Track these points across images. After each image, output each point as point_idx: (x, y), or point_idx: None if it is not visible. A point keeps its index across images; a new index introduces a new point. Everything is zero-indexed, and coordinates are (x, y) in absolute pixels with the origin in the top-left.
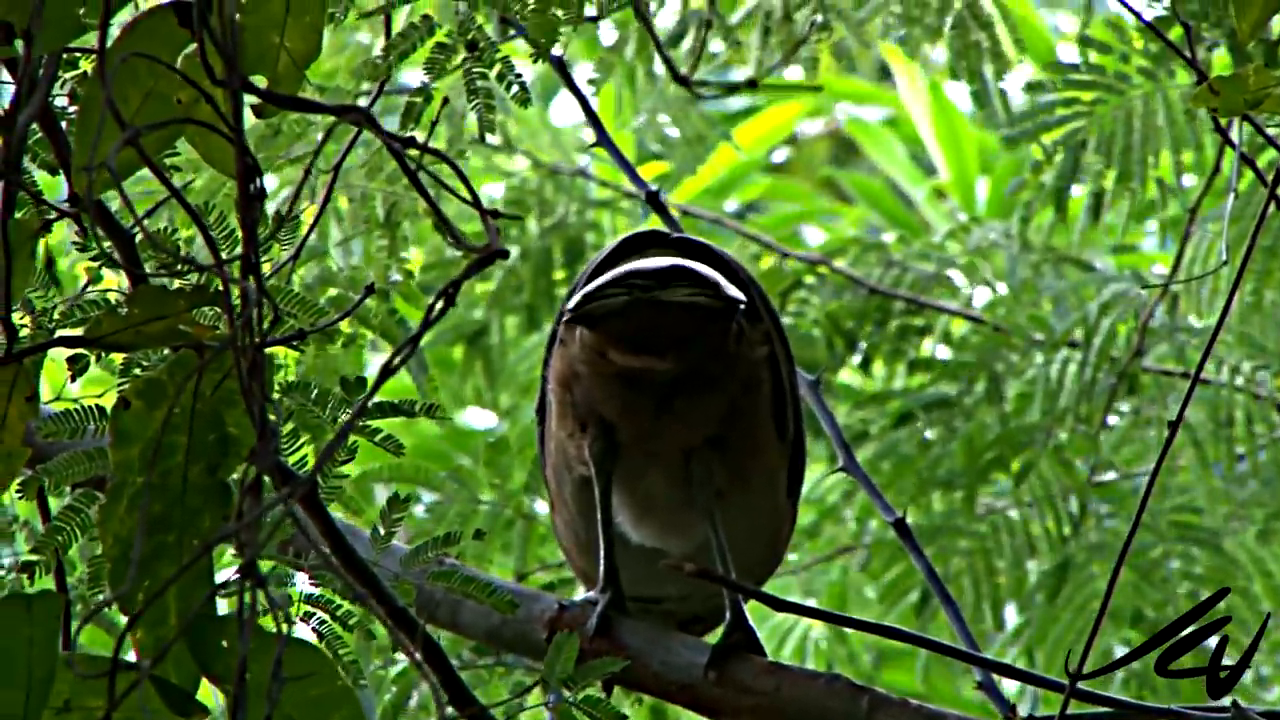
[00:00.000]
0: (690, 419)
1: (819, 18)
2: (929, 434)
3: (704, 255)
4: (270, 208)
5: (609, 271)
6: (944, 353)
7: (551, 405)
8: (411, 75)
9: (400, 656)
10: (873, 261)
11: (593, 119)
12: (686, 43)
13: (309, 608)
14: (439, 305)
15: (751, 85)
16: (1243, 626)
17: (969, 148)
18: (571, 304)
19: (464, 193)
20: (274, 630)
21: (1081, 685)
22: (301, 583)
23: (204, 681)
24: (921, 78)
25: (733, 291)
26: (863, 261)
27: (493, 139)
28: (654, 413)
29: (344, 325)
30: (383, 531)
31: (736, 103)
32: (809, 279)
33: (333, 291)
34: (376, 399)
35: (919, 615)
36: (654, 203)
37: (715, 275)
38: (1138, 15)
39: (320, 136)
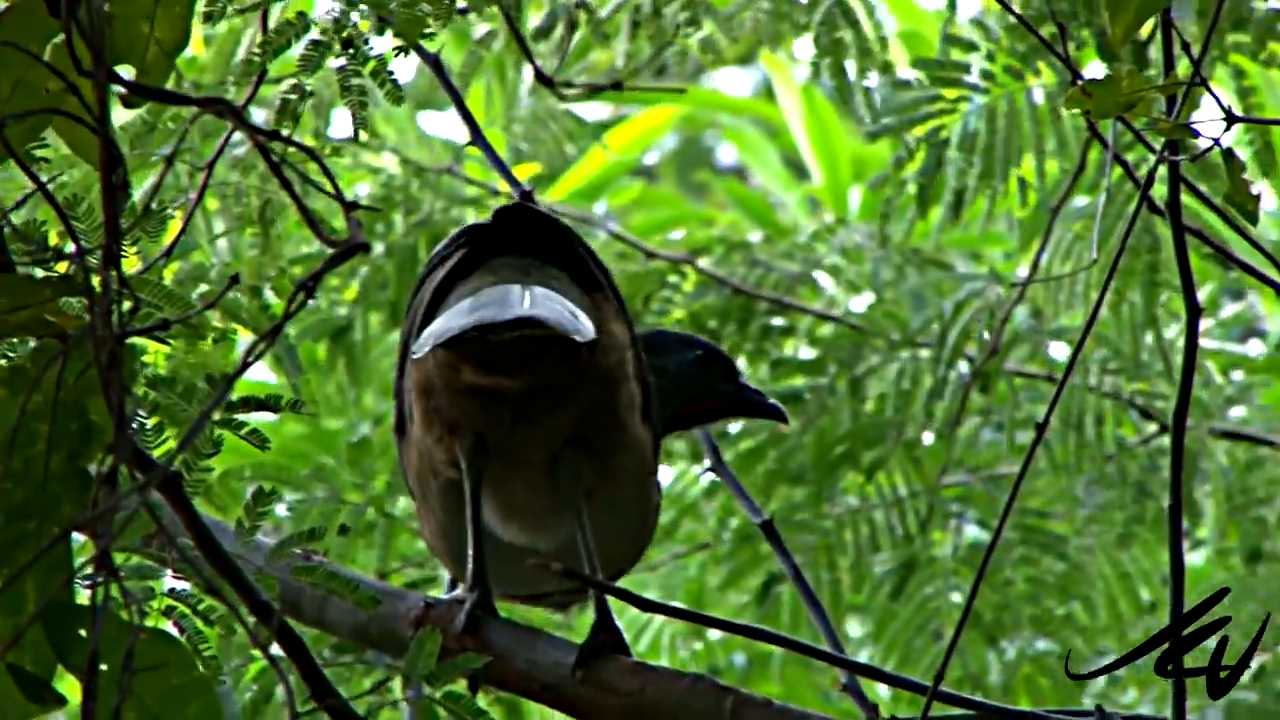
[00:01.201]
0: (548, 427)
1: (687, 13)
2: (784, 429)
3: (565, 239)
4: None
5: (463, 296)
6: (808, 353)
7: (413, 413)
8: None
9: (255, 655)
10: (737, 261)
11: (467, 118)
12: (554, 36)
13: (171, 601)
14: (299, 298)
15: (616, 87)
16: (1081, 633)
17: (843, 155)
18: (417, 346)
19: (328, 187)
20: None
21: (943, 688)
22: (166, 576)
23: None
24: (795, 86)
25: (583, 328)
26: (727, 261)
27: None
28: (511, 423)
29: (216, 320)
30: (247, 525)
31: (605, 109)
32: (673, 278)
33: (204, 287)
34: (242, 393)
35: (760, 605)
36: (527, 203)
37: (564, 313)
38: (1011, 10)
39: (193, 132)
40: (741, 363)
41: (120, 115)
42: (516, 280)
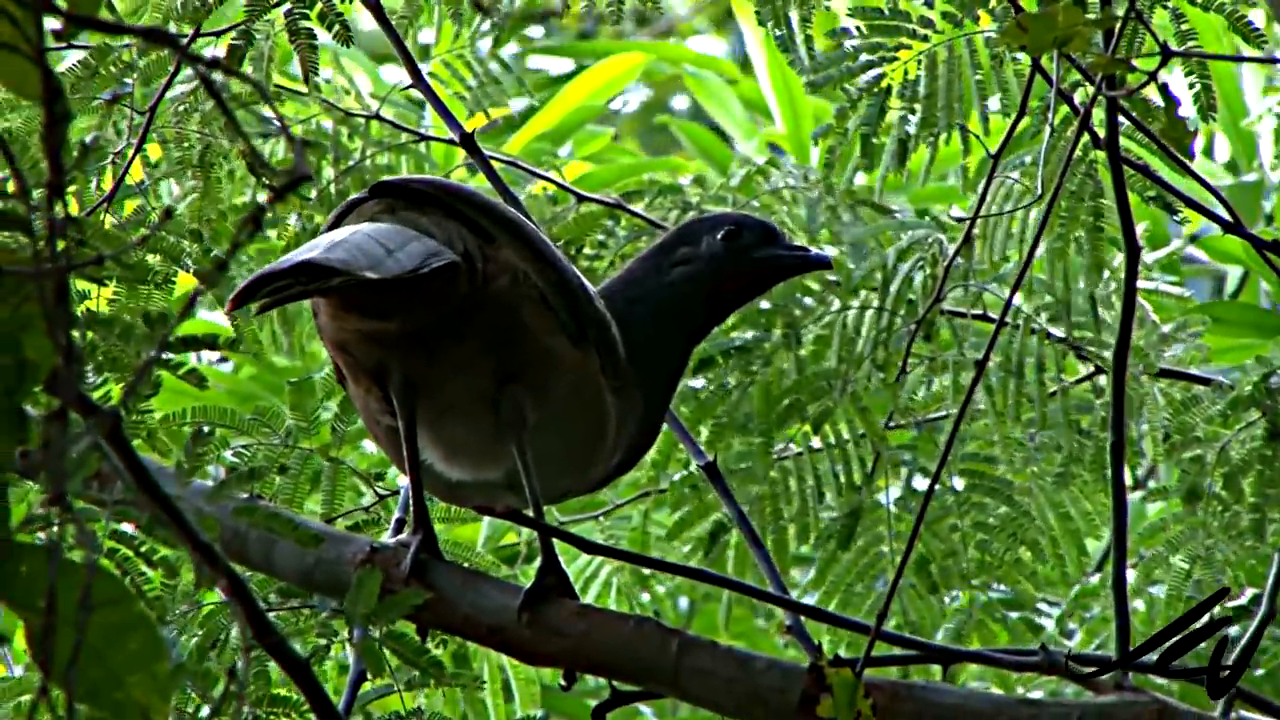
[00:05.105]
0: (463, 358)
1: None
2: (730, 380)
3: (433, 199)
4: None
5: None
6: None
7: (342, 370)
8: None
9: (203, 599)
10: (669, 205)
11: (409, 61)
12: None
13: (113, 544)
14: (247, 229)
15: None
16: (1030, 577)
17: (804, 104)
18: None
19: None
20: (74, 559)
21: (885, 629)
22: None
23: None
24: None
25: (394, 265)
26: (657, 205)
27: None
28: (426, 361)
29: (157, 264)
30: (187, 466)
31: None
32: (607, 222)
33: (144, 231)
34: (183, 333)
35: (708, 554)
36: (469, 147)
37: (366, 253)
38: None
39: (133, 72)
40: None
41: (62, 62)
42: (371, 222)
